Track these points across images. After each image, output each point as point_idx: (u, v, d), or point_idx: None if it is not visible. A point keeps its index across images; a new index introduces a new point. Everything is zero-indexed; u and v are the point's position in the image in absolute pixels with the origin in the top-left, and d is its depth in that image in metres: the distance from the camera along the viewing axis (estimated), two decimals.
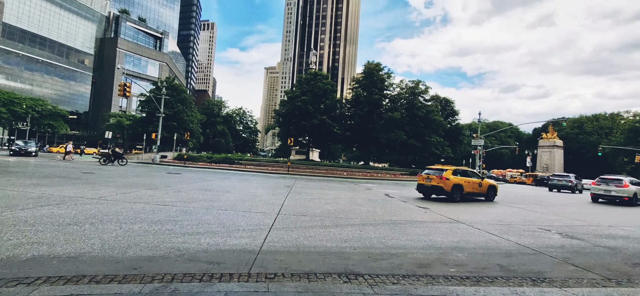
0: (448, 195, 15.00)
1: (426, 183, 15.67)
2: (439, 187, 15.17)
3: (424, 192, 16.00)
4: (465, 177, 15.90)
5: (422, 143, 47.75)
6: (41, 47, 74.03)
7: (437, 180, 15.23)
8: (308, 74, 52.82)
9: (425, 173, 16.02)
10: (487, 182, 16.82)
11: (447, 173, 15.24)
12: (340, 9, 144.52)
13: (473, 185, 16.01)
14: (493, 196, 16.89)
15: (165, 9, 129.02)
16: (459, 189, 15.32)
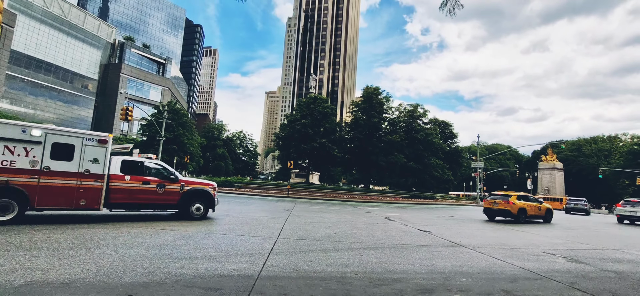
0: (514, 217, 16.94)
1: (493, 207, 17.76)
2: (506, 210, 17.12)
3: (490, 215, 18.21)
4: (527, 202, 17.91)
5: (422, 165, 47.74)
6: (46, 72, 75.54)
7: (504, 204, 17.21)
8: (308, 97, 53.63)
9: (492, 199, 18.20)
10: (545, 206, 18.80)
11: (513, 199, 17.25)
12: (339, 36, 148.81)
13: (534, 208, 18.01)
14: (550, 218, 18.96)
15: (170, 36, 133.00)
16: (524, 212, 17.27)
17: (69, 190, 8.65)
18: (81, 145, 8.94)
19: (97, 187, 9.01)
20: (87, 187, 8.85)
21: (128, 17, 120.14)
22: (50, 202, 8.53)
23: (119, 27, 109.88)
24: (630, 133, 78.85)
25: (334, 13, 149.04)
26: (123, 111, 28.94)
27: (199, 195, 10.84)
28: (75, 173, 8.76)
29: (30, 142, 8.32)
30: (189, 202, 10.64)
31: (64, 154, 8.69)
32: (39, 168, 8.33)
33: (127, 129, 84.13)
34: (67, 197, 8.66)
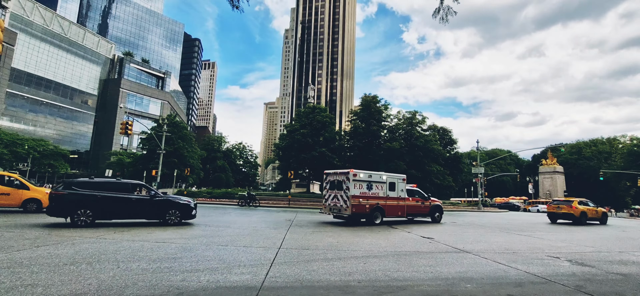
0: (575, 219, 20.31)
1: (557, 210, 21.43)
2: (569, 213, 20.60)
3: (552, 218, 21.87)
4: (587, 206, 21.32)
5: (423, 173, 47.62)
6: (46, 89, 76.00)
7: (568, 208, 20.81)
8: (307, 107, 53.85)
9: (555, 204, 22.15)
10: (601, 210, 22.38)
11: (574, 203, 20.81)
12: (336, 46, 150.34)
13: (592, 211, 21.37)
14: (606, 220, 22.29)
15: (168, 51, 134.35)
16: (585, 215, 20.65)
17: (396, 207, 16.65)
18: (398, 181, 16.98)
19: (405, 205, 17.12)
20: (402, 205, 16.95)
21: (127, 33, 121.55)
22: (390, 214, 16.44)
23: (118, 43, 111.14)
24: (629, 135, 79.04)
25: (330, 24, 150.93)
26: (123, 125, 29.00)
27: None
28: (397, 198, 16.76)
29: (382, 182, 16.24)
30: None
31: (392, 187, 16.67)
32: (384, 196, 16.19)
33: (127, 143, 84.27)
34: (395, 211, 16.66)
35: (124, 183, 12.14)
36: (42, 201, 14.92)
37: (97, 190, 11.34)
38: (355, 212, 14.75)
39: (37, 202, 15.01)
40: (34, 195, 15.02)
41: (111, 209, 11.48)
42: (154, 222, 12.52)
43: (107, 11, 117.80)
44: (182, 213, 12.63)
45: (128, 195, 11.84)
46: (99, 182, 11.71)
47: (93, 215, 11.14)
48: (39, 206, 14.95)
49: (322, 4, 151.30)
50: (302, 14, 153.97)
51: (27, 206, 14.88)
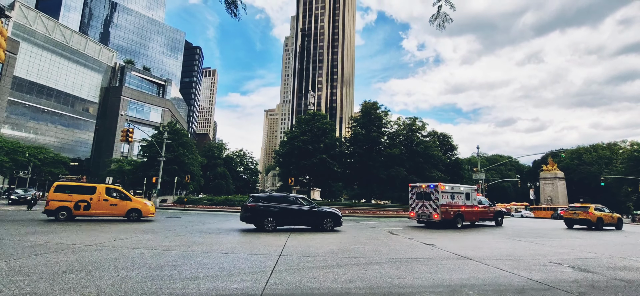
0: (591, 224, 21.15)
1: (573, 216, 22.21)
2: (586, 219, 21.37)
3: (569, 224, 22.67)
4: (603, 212, 21.99)
5: (423, 179, 47.53)
6: (48, 97, 76.36)
7: (584, 214, 21.56)
8: (307, 114, 54.00)
9: (571, 210, 22.75)
10: (616, 216, 23.02)
11: (591, 210, 21.52)
12: (335, 54, 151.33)
13: (608, 217, 22.10)
14: (621, 225, 23.15)
15: (169, 59, 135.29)
16: (601, 221, 21.40)
17: (471, 213, 20.15)
18: (471, 192, 20.66)
19: (477, 211, 20.76)
20: (475, 211, 20.54)
21: (128, 42, 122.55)
22: (467, 218, 19.88)
23: (119, 51, 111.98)
24: (629, 140, 79.03)
25: (330, 32, 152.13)
26: (123, 133, 29.09)
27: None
28: (471, 205, 20.27)
29: (460, 193, 19.80)
30: None
31: (468, 197, 20.22)
32: (463, 204, 19.68)
33: (127, 151, 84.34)
34: (471, 216, 20.16)
35: (292, 197, 15.30)
36: (142, 211, 17.08)
37: (273, 202, 14.54)
38: (444, 218, 18.39)
39: (138, 212, 17.00)
40: (135, 205, 17.07)
41: (286, 218, 14.56)
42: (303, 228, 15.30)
43: (109, 20, 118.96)
44: (334, 221, 15.30)
45: (295, 206, 14.92)
46: (274, 196, 15.07)
47: (275, 222, 14.17)
48: (139, 215, 16.96)
49: (321, 12, 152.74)
50: (302, 22, 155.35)
51: (130, 215, 16.79)
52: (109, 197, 16.58)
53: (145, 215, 17.21)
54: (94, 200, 16.24)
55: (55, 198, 15.73)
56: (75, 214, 15.92)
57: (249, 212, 13.98)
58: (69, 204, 15.84)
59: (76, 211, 15.90)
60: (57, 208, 15.68)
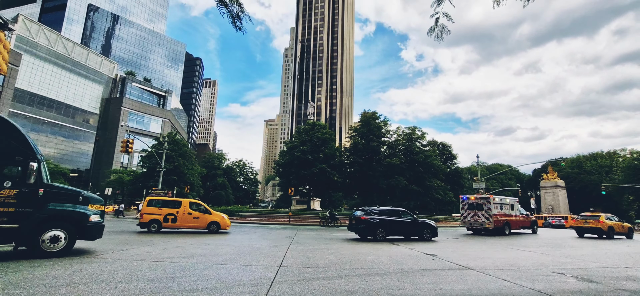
0: (602, 233, 21.34)
1: (584, 225, 22.35)
2: (597, 228, 21.53)
3: (580, 233, 22.99)
4: (613, 221, 22.20)
5: (423, 188, 47.41)
6: (49, 108, 76.65)
7: (595, 222, 21.73)
8: (306, 124, 54.15)
9: (582, 218, 22.89)
10: (627, 225, 23.34)
11: (602, 218, 21.82)
12: (335, 64, 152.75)
13: (619, 226, 22.33)
14: (632, 235, 23.41)
15: (170, 70, 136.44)
16: (612, 230, 21.60)
17: (515, 222, 23.28)
18: (514, 204, 23.41)
19: (519, 220, 23.90)
20: (518, 220, 23.66)
21: (130, 53, 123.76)
22: (513, 227, 22.75)
23: (120, 62, 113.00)
24: (629, 149, 79.16)
25: (329, 43, 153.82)
26: (123, 143, 29.13)
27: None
28: (516, 215, 23.37)
29: (507, 204, 22.98)
30: None
31: (512, 207, 23.50)
32: (509, 214, 22.90)
33: (127, 161, 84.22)
34: (515, 225, 23.24)
35: (397, 210, 17.20)
36: (220, 224, 18.13)
37: (383, 216, 16.38)
38: (496, 226, 21.16)
39: (217, 224, 18.03)
40: (214, 218, 18.17)
41: (393, 229, 16.40)
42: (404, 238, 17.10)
43: (111, 32, 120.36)
44: (432, 232, 17.19)
45: (400, 218, 16.77)
46: (382, 209, 16.82)
47: (385, 233, 16.01)
48: (218, 227, 18.00)
49: (320, 24, 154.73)
50: (302, 33, 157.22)
51: (211, 227, 17.86)
52: (192, 211, 17.74)
53: (223, 227, 18.25)
54: (179, 214, 17.39)
55: (148, 211, 17.07)
56: (164, 226, 17.14)
57: (363, 224, 15.85)
58: (159, 217, 17.05)
59: (165, 224, 17.11)
60: (150, 221, 16.95)
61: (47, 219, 8.23)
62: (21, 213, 7.86)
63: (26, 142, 8.54)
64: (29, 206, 8.00)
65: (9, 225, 7.67)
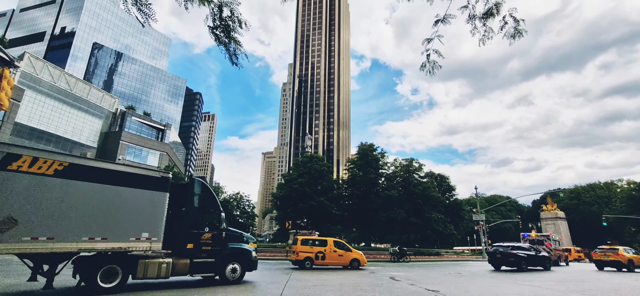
0: (622, 265, 21.80)
1: (604, 258, 22.87)
2: (617, 261, 22.00)
3: (599, 266, 23.35)
4: (631, 254, 22.78)
5: (423, 220, 46.79)
6: (47, 142, 76.72)
7: (614, 255, 22.20)
8: (304, 156, 54.40)
9: (601, 252, 23.47)
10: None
11: (620, 251, 22.30)
12: (332, 98, 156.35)
13: (638, 259, 22.81)
14: None
15: (170, 104, 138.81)
16: (632, 263, 22.21)
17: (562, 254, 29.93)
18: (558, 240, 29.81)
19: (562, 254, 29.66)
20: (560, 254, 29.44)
21: (131, 88, 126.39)
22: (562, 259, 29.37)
23: (122, 97, 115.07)
24: (625, 179, 79.60)
25: (326, 78, 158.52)
26: None
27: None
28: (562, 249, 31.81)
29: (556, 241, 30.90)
30: None
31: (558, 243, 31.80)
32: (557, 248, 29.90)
33: None
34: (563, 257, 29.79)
35: (526, 245, 21.22)
36: (360, 261, 19.88)
37: (523, 250, 20.14)
38: (554, 259, 25.18)
39: (358, 261, 19.76)
40: (355, 256, 20.00)
41: (531, 260, 20.19)
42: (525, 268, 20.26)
43: (114, 68, 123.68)
44: (550, 263, 21.60)
45: (529, 251, 20.43)
46: (514, 245, 20.71)
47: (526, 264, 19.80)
48: (359, 264, 19.73)
49: (317, 60, 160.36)
50: (299, 68, 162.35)
51: (353, 264, 19.57)
52: (336, 249, 19.83)
53: (362, 264, 19.92)
54: (327, 251, 19.42)
55: (302, 250, 19.14)
56: (315, 263, 19.12)
57: (512, 257, 19.70)
58: (311, 254, 19.13)
59: (316, 261, 19.11)
60: (304, 258, 18.94)
61: (229, 255, 11.28)
62: (214, 251, 11.03)
63: (215, 198, 11.83)
64: (218, 245, 11.17)
65: (208, 259, 10.80)
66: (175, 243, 10.47)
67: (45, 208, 8.34)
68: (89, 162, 9.59)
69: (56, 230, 8.37)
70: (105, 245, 8.86)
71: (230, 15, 6.16)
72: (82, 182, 8.99)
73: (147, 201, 10.11)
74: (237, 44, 6.39)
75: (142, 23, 6.00)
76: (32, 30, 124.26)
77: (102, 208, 9.13)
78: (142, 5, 5.61)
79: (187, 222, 10.90)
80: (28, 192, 8.27)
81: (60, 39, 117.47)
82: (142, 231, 9.61)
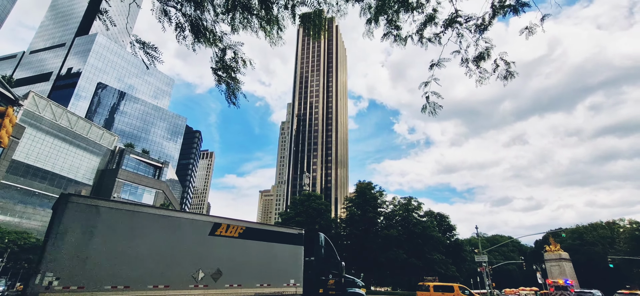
0: None
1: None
2: None
3: None
4: None
5: (424, 261, 45.38)
6: (42, 180, 75.98)
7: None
8: (302, 195, 53.94)
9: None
10: None
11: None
12: (330, 137, 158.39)
13: None
14: None
15: (169, 142, 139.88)
16: None
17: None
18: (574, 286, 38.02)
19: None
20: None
21: (131, 127, 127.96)
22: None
23: (121, 135, 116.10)
24: (627, 219, 78.65)
25: (324, 117, 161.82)
26: None
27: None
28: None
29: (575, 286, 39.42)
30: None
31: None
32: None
33: None
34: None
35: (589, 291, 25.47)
36: None
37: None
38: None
39: None
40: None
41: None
42: None
43: (116, 107, 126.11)
44: None
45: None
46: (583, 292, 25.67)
47: None
48: None
49: (316, 100, 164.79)
50: (298, 108, 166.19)
51: None
52: (461, 294, 22.78)
53: None
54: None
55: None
56: None
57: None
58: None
59: None
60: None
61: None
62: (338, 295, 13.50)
63: (334, 250, 14.35)
64: (340, 290, 13.48)
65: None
66: (309, 288, 12.70)
67: (235, 262, 11.26)
68: (256, 225, 12.61)
69: (242, 279, 11.21)
70: (269, 290, 11.61)
71: (234, 56, 6.54)
72: (253, 241, 11.90)
73: (290, 253, 12.72)
74: (236, 82, 6.69)
75: (147, 65, 6.36)
76: (39, 70, 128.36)
77: (265, 260, 11.93)
78: (148, 49, 5.98)
79: (316, 270, 13.37)
80: (226, 250, 11.20)
81: (65, 78, 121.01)
82: (290, 278, 12.23)
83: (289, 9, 6.28)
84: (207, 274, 10.42)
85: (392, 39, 6.89)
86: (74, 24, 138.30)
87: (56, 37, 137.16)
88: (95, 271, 8.73)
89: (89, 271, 8.65)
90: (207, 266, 10.45)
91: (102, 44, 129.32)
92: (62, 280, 8.24)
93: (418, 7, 6.49)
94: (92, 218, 9.18)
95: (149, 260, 9.70)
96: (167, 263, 9.98)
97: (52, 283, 8.09)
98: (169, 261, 10.04)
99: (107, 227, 9.31)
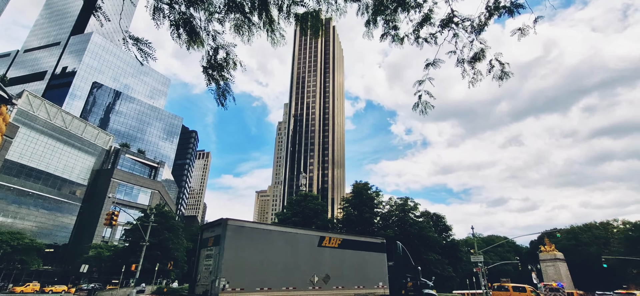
0: None
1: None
2: None
3: None
4: None
5: (420, 262, 45.39)
6: (36, 180, 75.16)
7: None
8: (298, 195, 53.84)
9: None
10: None
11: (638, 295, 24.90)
12: (327, 137, 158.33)
13: None
14: None
15: (165, 142, 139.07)
16: None
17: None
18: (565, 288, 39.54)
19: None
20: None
21: (127, 126, 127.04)
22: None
23: (117, 135, 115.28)
24: (621, 219, 79.47)
25: (320, 118, 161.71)
26: (108, 216, 28.06)
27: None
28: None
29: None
30: None
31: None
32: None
33: (109, 235, 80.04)
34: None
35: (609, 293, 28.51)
36: None
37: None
38: None
39: None
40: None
41: None
42: None
43: (111, 107, 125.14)
44: None
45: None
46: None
47: None
48: None
49: (312, 100, 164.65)
50: (295, 108, 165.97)
51: None
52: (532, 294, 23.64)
53: None
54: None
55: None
56: None
57: None
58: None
59: None
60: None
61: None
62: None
63: (409, 256, 17.74)
64: (418, 292, 15.92)
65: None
66: (392, 290, 15.16)
67: (337, 268, 14.06)
68: (350, 236, 15.72)
69: (344, 281, 13.92)
70: (364, 291, 14.30)
71: (226, 56, 6.46)
72: (348, 250, 14.75)
73: (377, 259, 15.57)
74: (226, 85, 6.60)
75: (141, 62, 6.27)
76: (33, 69, 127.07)
77: (358, 266, 14.73)
78: (142, 45, 5.89)
79: (397, 274, 16.37)
80: (330, 258, 14.04)
81: (60, 78, 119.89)
82: (379, 281, 14.95)
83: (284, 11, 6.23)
84: (320, 278, 13.21)
85: (390, 39, 6.90)
86: (69, 23, 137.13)
87: (51, 36, 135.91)
88: (249, 276, 11.58)
89: (245, 276, 11.48)
90: (319, 272, 13.32)
91: (98, 43, 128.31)
92: (231, 283, 11.09)
93: (416, 6, 6.48)
94: (241, 236, 11.96)
95: (280, 268, 12.52)
96: (291, 270, 12.83)
97: (225, 287, 10.88)
98: (293, 268, 12.91)
99: (251, 243, 12.12)
